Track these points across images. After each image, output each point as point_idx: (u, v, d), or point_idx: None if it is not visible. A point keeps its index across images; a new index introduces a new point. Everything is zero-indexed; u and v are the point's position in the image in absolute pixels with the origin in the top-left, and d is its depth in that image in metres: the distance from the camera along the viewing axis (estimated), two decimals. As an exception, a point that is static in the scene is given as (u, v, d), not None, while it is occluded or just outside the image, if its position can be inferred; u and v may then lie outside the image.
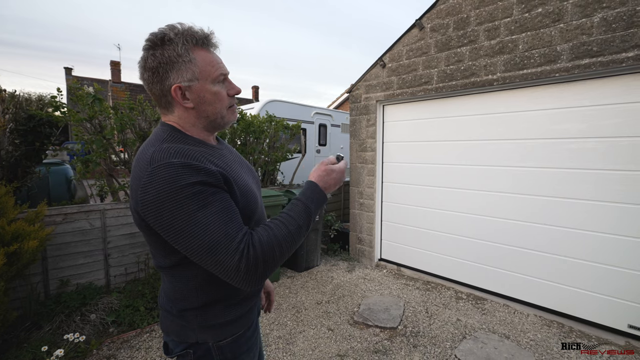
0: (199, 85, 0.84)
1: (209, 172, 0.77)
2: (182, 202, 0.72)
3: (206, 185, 0.75)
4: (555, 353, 2.40)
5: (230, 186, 0.83)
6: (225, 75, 0.90)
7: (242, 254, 0.73)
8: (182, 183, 0.72)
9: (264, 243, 0.77)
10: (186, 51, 0.81)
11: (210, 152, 0.87)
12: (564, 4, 2.63)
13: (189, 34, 0.82)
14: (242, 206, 0.86)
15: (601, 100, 2.62)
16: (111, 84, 14.95)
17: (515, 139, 3.05)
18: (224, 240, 0.73)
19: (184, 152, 0.77)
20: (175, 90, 0.82)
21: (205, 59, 0.85)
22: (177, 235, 0.73)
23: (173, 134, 0.85)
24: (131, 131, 3.56)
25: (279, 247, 0.78)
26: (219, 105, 0.88)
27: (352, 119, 4.34)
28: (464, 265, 3.46)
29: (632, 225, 2.48)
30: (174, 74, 0.81)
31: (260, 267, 0.75)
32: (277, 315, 2.95)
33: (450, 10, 3.33)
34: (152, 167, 0.74)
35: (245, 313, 0.96)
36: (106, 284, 3.11)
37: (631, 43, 2.35)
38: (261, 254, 0.75)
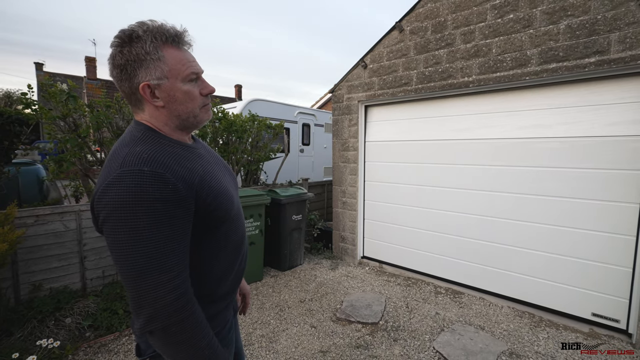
0: (168, 84, 0.82)
1: (176, 188, 0.76)
2: (135, 215, 0.71)
3: (168, 203, 0.74)
4: (526, 341, 2.54)
5: (201, 192, 0.83)
6: (198, 74, 0.88)
7: (181, 296, 0.74)
8: (144, 196, 0.71)
9: (195, 313, 0.77)
10: (155, 49, 0.80)
11: (186, 154, 0.87)
12: (533, 11, 2.77)
13: (158, 32, 0.81)
14: (214, 207, 0.86)
15: (566, 103, 2.79)
16: (86, 80, 14.37)
17: (489, 138, 3.18)
18: (156, 268, 0.72)
19: (158, 160, 0.77)
20: (143, 89, 0.81)
21: (175, 57, 0.83)
22: (116, 245, 0.72)
23: (147, 134, 0.84)
24: (108, 130, 3.46)
25: (189, 331, 0.76)
26: (191, 104, 0.87)
27: (334, 119, 4.39)
28: (443, 260, 3.58)
29: (595, 220, 2.65)
30: (142, 72, 0.80)
31: (177, 325, 0.74)
32: (260, 315, 2.95)
33: (429, 13, 3.43)
34: (122, 170, 0.73)
35: (220, 311, 0.96)
36: (82, 288, 3.01)
37: (593, 49, 2.51)
38: (188, 316, 0.75)
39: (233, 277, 1.02)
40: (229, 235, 0.95)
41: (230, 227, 0.95)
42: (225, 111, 4.65)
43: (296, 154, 7.29)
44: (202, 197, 0.83)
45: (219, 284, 0.96)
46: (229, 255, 0.98)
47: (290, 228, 3.98)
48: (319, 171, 7.95)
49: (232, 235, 0.97)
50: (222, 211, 0.90)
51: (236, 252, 1.01)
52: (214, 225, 0.90)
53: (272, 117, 6.17)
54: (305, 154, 7.56)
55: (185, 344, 0.76)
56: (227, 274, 0.98)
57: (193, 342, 0.77)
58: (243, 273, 1.11)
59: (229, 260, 0.98)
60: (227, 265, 0.97)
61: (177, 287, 0.75)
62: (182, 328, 0.75)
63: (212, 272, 0.93)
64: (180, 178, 0.78)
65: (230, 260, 0.98)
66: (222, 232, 0.93)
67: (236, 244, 1.00)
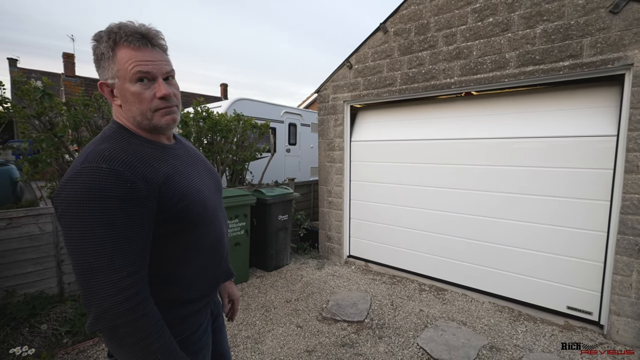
0: (119, 84, 0.83)
1: (135, 187, 0.75)
2: (88, 212, 0.71)
3: (124, 202, 0.74)
4: (505, 335, 2.62)
5: (165, 192, 0.82)
6: (149, 74, 0.83)
7: (132, 297, 0.73)
8: (100, 194, 0.71)
9: (147, 316, 0.75)
10: (108, 49, 0.81)
11: (156, 153, 0.86)
12: (511, 15, 2.86)
13: (115, 31, 0.81)
14: (181, 208, 0.85)
15: (539, 107, 2.90)
16: (64, 77, 13.85)
17: (472, 138, 3.26)
18: (107, 267, 0.71)
19: (118, 158, 0.77)
20: (101, 87, 0.86)
21: (125, 56, 0.81)
22: (69, 241, 0.72)
23: (118, 132, 0.85)
24: (87, 129, 3.35)
25: (138, 334, 0.74)
26: (140, 106, 0.84)
27: (320, 119, 4.39)
28: (427, 258, 3.65)
29: (569, 217, 2.76)
30: (101, 71, 0.84)
31: (125, 326, 0.72)
32: (246, 316, 2.93)
33: (412, 15, 3.48)
34: (82, 166, 0.74)
35: (190, 315, 0.94)
36: (59, 293, 2.91)
37: (567, 53, 2.61)
38: (138, 318, 0.73)
39: (207, 282, 0.99)
40: (200, 238, 0.93)
41: (202, 230, 0.93)
42: (209, 110, 4.59)
43: (283, 153, 7.26)
44: (167, 197, 0.82)
45: (188, 287, 0.93)
46: (201, 259, 0.95)
47: (276, 228, 3.96)
48: (306, 171, 7.95)
49: (204, 239, 0.95)
50: (191, 212, 0.88)
51: (210, 256, 0.98)
52: (182, 227, 0.88)
53: (258, 117, 6.12)
54: (291, 154, 7.55)
55: (134, 347, 0.74)
56: (199, 278, 0.96)
57: (143, 346, 0.75)
58: (221, 277, 1.09)
59: (201, 264, 0.95)
60: (199, 269, 0.95)
61: (128, 288, 0.73)
62: (131, 330, 0.73)
63: (181, 275, 0.91)
64: (142, 176, 0.78)
65: (202, 264, 0.96)
66: (191, 234, 0.91)
67: (209, 247, 0.97)
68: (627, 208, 2.44)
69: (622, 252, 2.47)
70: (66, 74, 14.04)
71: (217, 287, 1.08)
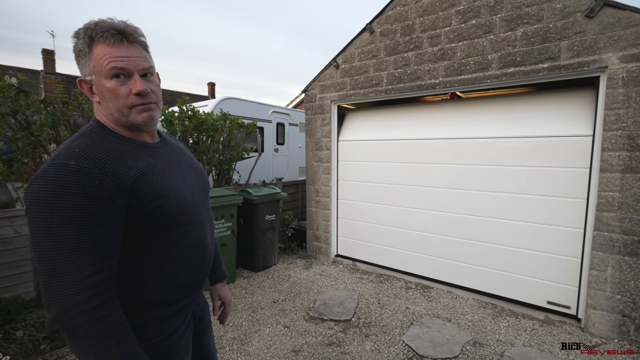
0: (96, 80, 0.83)
1: (103, 185, 0.74)
2: (52, 209, 0.70)
3: (91, 200, 0.73)
4: (488, 331, 2.68)
5: (137, 190, 0.81)
6: (124, 70, 0.82)
7: (92, 297, 0.71)
8: (64, 191, 0.71)
9: (108, 318, 0.73)
10: (85, 45, 0.82)
11: (133, 151, 0.85)
12: (493, 18, 2.93)
13: (92, 28, 0.81)
14: (156, 208, 0.84)
15: (521, 109, 2.98)
16: (43, 74, 13.38)
17: (458, 138, 3.32)
18: (69, 266, 0.70)
19: (89, 155, 0.76)
20: (79, 83, 0.86)
21: (101, 52, 0.81)
22: (33, 237, 0.71)
23: (95, 129, 0.85)
24: (66, 128, 3.24)
25: (98, 336, 0.72)
26: (116, 102, 0.83)
27: (307, 118, 4.39)
28: (414, 256, 3.69)
29: (550, 214, 2.85)
30: (80, 68, 0.85)
31: (84, 327, 0.70)
32: (232, 317, 2.90)
33: (398, 16, 3.52)
34: (51, 163, 0.74)
35: (166, 318, 0.92)
36: (37, 297, 2.81)
37: (546, 55, 2.69)
38: (98, 320, 0.71)
39: (186, 283, 0.97)
40: (178, 239, 0.91)
41: (180, 230, 0.91)
42: (195, 109, 4.52)
43: (270, 153, 7.22)
44: (140, 196, 0.81)
45: (166, 288, 0.91)
46: (180, 260, 0.93)
47: (264, 228, 3.93)
48: (294, 170, 7.92)
49: (183, 239, 0.93)
50: (167, 212, 0.86)
51: (190, 256, 0.96)
52: (158, 227, 0.86)
53: (245, 116, 6.06)
54: (279, 154, 7.51)
55: (92, 349, 0.72)
56: (177, 279, 0.93)
57: (101, 348, 0.72)
58: (203, 280, 1.07)
59: (179, 264, 0.93)
60: (177, 269, 0.93)
61: (89, 288, 0.72)
62: (89, 332, 0.71)
63: (158, 275, 0.89)
64: (111, 174, 0.77)
65: (181, 265, 0.93)
66: (169, 234, 0.89)
67: (189, 248, 0.95)
68: (602, 205, 2.53)
69: (597, 248, 2.57)
70: (46, 71, 13.56)
71: (198, 289, 1.05)
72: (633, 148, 2.40)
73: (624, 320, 2.49)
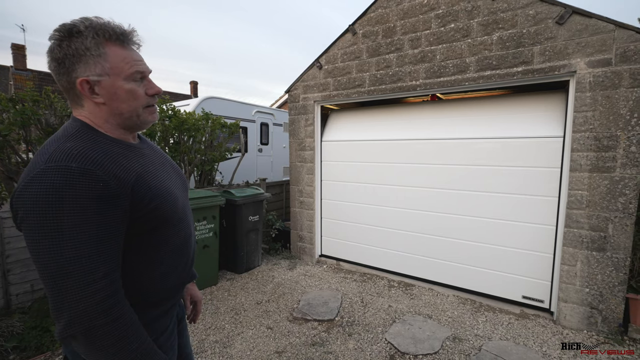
0: (109, 81, 0.82)
1: (107, 185, 0.74)
2: (58, 213, 0.69)
3: (97, 201, 0.73)
4: (467, 326, 2.76)
5: (137, 191, 0.82)
6: (144, 74, 0.89)
7: (107, 298, 0.72)
8: (69, 194, 0.70)
9: (123, 317, 0.75)
10: (96, 45, 0.80)
11: (125, 152, 0.86)
12: (471, 22, 3.02)
13: (101, 28, 0.81)
14: (153, 208, 0.86)
15: (498, 111, 3.09)
16: (13, 71, 12.72)
17: (437, 139, 3.40)
18: (80, 269, 0.70)
19: (88, 156, 0.75)
20: (81, 84, 0.80)
21: (119, 55, 0.84)
22: (36, 244, 0.70)
23: (83, 130, 0.82)
24: (37, 127, 3.10)
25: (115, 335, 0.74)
26: (134, 103, 0.87)
27: (290, 119, 4.38)
28: (396, 255, 3.75)
29: (524, 212, 2.96)
30: (81, 67, 0.80)
31: (102, 327, 0.71)
32: (215, 320, 2.85)
33: (379, 18, 3.57)
34: (47, 165, 0.71)
35: (157, 318, 0.94)
36: (6, 305, 2.68)
37: (520, 59, 2.80)
38: (114, 319, 0.73)
39: (174, 282, 0.99)
40: (171, 238, 0.94)
41: (173, 230, 0.94)
42: (175, 109, 4.42)
43: (254, 153, 7.15)
44: (139, 197, 0.82)
45: (159, 288, 0.93)
46: (172, 259, 0.96)
47: (247, 229, 3.90)
48: (279, 171, 7.88)
49: (174, 239, 0.95)
50: (162, 212, 0.88)
51: (180, 255, 0.99)
52: (152, 227, 0.88)
53: (229, 116, 5.98)
54: (264, 154, 7.45)
55: (111, 349, 0.74)
56: (169, 278, 0.96)
57: (120, 347, 0.74)
58: (188, 278, 1.08)
59: (170, 264, 0.95)
60: (167, 269, 0.95)
61: (102, 289, 0.73)
62: (106, 332, 0.73)
63: (149, 276, 0.90)
64: (113, 176, 0.77)
65: (171, 265, 0.96)
66: (163, 234, 0.91)
67: (180, 247, 0.98)
68: (572, 203, 2.65)
69: (568, 244, 2.69)
70: (16, 67, 12.90)
71: (184, 288, 1.08)
72: (599, 149, 2.53)
73: (592, 312, 2.63)
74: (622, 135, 2.44)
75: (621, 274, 2.51)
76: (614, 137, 2.47)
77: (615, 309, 2.55)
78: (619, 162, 2.47)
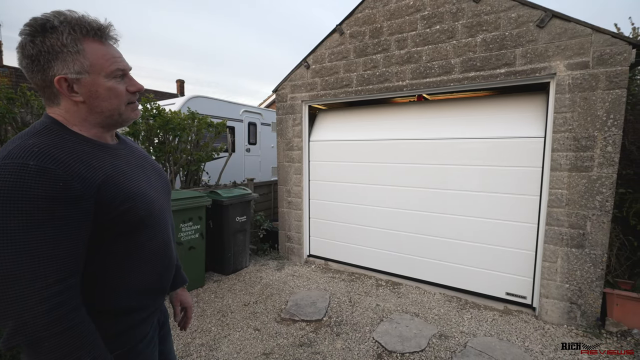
0: (89, 79, 0.80)
1: (68, 185, 0.70)
2: (9, 214, 0.65)
3: (55, 202, 0.69)
4: (453, 323, 2.80)
5: (105, 192, 0.78)
6: (124, 71, 0.87)
7: (57, 306, 0.68)
8: (23, 193, 0.66)
9: (76, 327, 0.71)
10: (73, 41, 0.77)
11: (95, 152, 0.82)
12: (456, 24, 3.06)
13: (78, 23, 0.78)
14: (125, 210, 0.82)
15: (483, 112, 3.15)
16: (-12, 67, 12.18)
17: (423, 139, 3.44)
18: (28, 274, 0.66)
19: (50, 154, 0.71)
20: (59, 82, 0.77)
21: (98, 51, 0.81)
22: None
23: (51, 127, 0.78)
24: (12, 127, 2.98)
25: (65, 347, 0.69)
26: (116, 101, 0.85)
27: (278, 118, 4.35)
28: (384, 254, 3.78)
29: (508, 211, 3.03)
30: (58, 65, 0.76)
31: (49, 339, 0.67)
32: (201, 322, 2.81)
33: (366, 19, 3.58)
34: (3, 162, 0.68)
35: (134, 326, 0.90)
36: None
37: (503, 61, 2.86)
38: (64, 330, 0.69)
39: (154, 288, 0.96)
40: (146, 243, 0.90)
41: (148, 234, 0.90)
42: (160, 107, 4.32)
43: (242, 153, 7.08)
44: (108, 198, 0.78)
45: (134, 294, 0.89)
46: (148, 265, 0.92)
47: (234, 230, 3.85)
48: (267, 171, 7.83)
49: (150, 243, 0.91)
50: (135, 215, 0.84)
51: (157, 261, 0.95)
52: (126, 231, 0.84)
53: (215, 115, 5.90)
54: (252, 154, 7.39)
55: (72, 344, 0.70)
56: (144, 286, 0.92)
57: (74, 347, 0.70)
58: (168, 283, 1.05)
59: (147, 269, 0.92)
60: (145, 275, 0.91)
61: (53, 297, 0.68)
62: (54, 344, 0.68)
63: (124, 281, 0.87)
64: (77, 175, 0.73)
65: (149, 270, 0.92)
66: (137, 239, 0.87)
67: (156, 252, 0.94)
68: (552, 202, 2.73)
69: (549, 241, 2.77)
70: (-9, 64, 12.36)
71: (165, 294, 1.05)
72: (578, 149, 2.61)
73: (571, 307, 2.71)
74: (599, 136, 2.53)
75: (599, 270, 2.60)
76: (592, 137, 2.56)
77: (593, 303, 2.63)
78: (596, 161, 2.55)
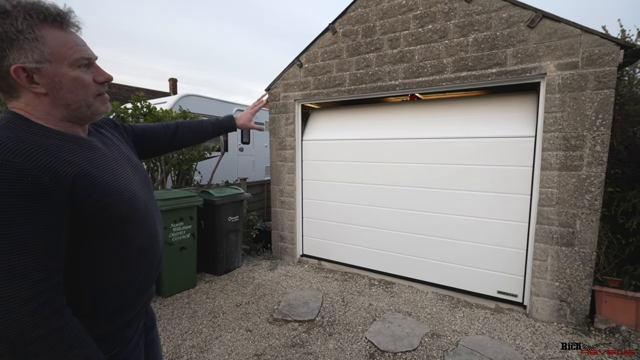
0: (51, 69, 0.74)
1: (38, 181, 0.66)
2: None
3: (24, 198, 0.64)
4: (445, 322, 2.81)
5: (81, 186, 0.73)
6: (90, 60, 0.81)
7: (38, 309, 0.64)
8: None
9: (61, 329, 0.67)
10: (30, 27, 0.71)
11: (67, 145, 0.76)
12: (448, 24, 3.07)
13: (33, 8, 0.72)
14: (105, 205, 0.77)
15: (475, 111, 3.17)
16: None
17: (416, 138, 3.45)
18: (2, 277, 0.62)
19: (14, 148, 0.66)
20: (16, 72, 0.71)
21: (59, 38, 0.75)
22: None
23: (15, 121, 0.73)
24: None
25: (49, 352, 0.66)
26: (82, 92, 0.80)
27: (271, 117, 4.32)
28: (377, 254, 3.78)
29: (499, 210, 3.05)
30: (13, 53, 0.70)
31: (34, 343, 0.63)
32: (192, 324, 2.77)
33: (359, 18, 3.57)
34: None
35: (121, 328, 0.88)
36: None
37: (494, 61, 2.87)
38: (49, 333, 0.65)
39: (139, 289, 0.92)
40: (130, 241, 0.85)
41: (132, 231, 0.86)
42: (151, 106, 4.26)
43: (235, 153, 7.02)
44: (84, 194, 0.73)
45: (117, 296, 0.85)
46: (132, 264, 0.87)
47: (226, 230, 3.81)
48: (260, 170, 7.78)
49: (135, 241, 0.87)
50: (116, 211, 0.80)
51: (142, 259, 0.91)
52: (107, 228, 0.80)
53: (208, 114, 5.85)
54: (245, 153, 7.34)
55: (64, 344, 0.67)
56: (130, 286, 0.88)
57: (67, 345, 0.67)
58: (153, 282, 1.01)
59: (132, 269, 0.88)
60: (130, 275, 0.87)
61: (33, 298, 0.64)
62: (43, 347, 0.64)
63: (109, 282, 0.82)
64: (47, 169, 0.68)
65: (134, 270, 0.88)
66: (120, 236, 0.83)
67: (142, 250, 0.90)
68: (543, 201, 2.76)
69: (540, 240, 2.79)
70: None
71: (150, 295, 1.00)
72: (567, 148, 2.64)
73: (561, 305, 2.74)
74: (588, 135, 2.56)
75: (588, 268, 2.63)
76: (581, 137, 2.58)
77: (582, 301, 2.67)
78: (585, 160, 2.58)
